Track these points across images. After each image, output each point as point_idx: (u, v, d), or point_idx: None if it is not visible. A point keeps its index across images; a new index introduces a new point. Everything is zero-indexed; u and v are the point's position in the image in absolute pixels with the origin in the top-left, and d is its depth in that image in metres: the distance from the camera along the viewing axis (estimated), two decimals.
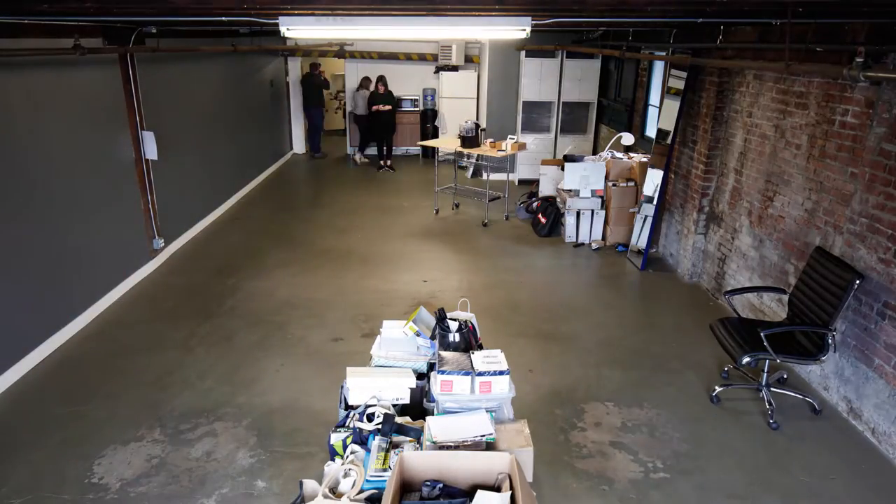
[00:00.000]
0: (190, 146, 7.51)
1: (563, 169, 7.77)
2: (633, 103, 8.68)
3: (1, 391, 4.28)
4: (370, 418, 2.85)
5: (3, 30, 4.27)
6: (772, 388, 4.24)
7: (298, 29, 3.68)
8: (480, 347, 3.22)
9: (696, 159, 6.17)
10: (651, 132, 8.10)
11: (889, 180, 3.74)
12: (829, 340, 3.86)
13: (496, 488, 2.32)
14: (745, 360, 3.87)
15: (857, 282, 3.73)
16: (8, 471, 3.52)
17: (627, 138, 7.63)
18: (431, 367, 3.15)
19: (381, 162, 11.60)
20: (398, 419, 2.85)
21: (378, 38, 11.99)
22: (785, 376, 4.55)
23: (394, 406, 2.99)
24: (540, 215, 7.91)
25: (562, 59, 9.68)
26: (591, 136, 10.23)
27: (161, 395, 4.27)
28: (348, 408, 3.03)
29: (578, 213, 7.45)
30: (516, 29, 3.67)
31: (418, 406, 3.02)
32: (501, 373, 2.83)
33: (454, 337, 3.13)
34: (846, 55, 3.94)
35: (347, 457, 2.70)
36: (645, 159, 7.33)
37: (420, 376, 3.13)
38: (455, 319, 3.26)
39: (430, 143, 9.66)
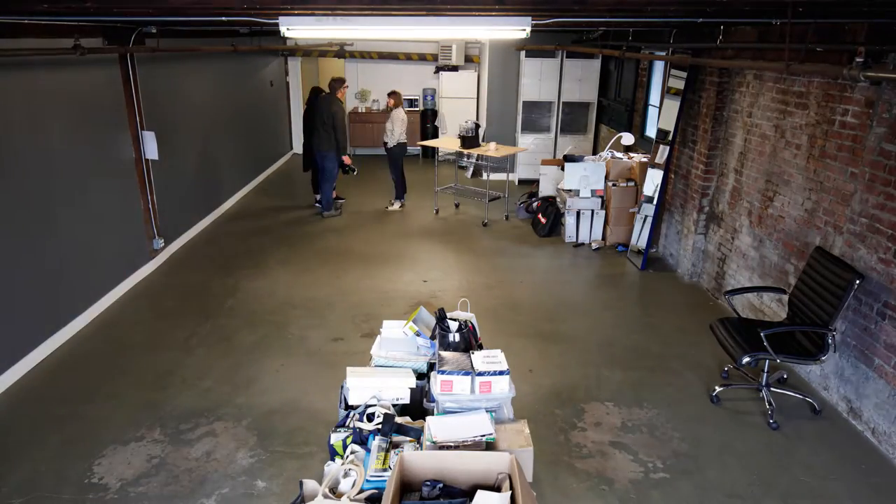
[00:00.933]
0: (190, 146, 7.51)
1: (563, 169, 7.77)
2: (633, 103, 8.67)
3: (1, 391, 4.28)
4: (370, 418, 2.85)
5: (3, 30, 4.27)
6: (772, 388, 4.24)
7: (298, 29, 3.68)
8: (480, 347, 3.22)
9: (696, 159, 6.17)
10: (651, 132, 8.10)
11: (889, 180, 3.74)
12: (830, 340, 3.86)
13: (496, 488, 2.32)
14: (745, 360, 3.87)
15: (858, 282, 3.73)
16: (8, 471, 3.52)
17: (627, 138, 7.63)
18: (431, 367, 3.15)
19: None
20: (398, 419, 2.85)
21: (378, 38, 11.98)
22: (785, 376, 4.55)
23: (394, 406, 2.99)
24: (540, 215, 7.91)
25: (562, 59, 9.68)
26: (591, 136, 10.23)
27: (161, 395, 4.27)
28: (348, 408, 3.03)
29: (578, 213, 7.45)
30: (516, 29, 3.67)
31: (418, 406, 3.02)
32: (501, 373, 2.84)
33: (454, 337, 3.13)
34: (846, 55, 3.94)
35: (347, 457, 2.70)
36: (645, 159, 7.33)
37: (420, 376, 3.13)
38: (455, 319, 3.26)
39: (430, 143, 9.66)
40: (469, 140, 8.40)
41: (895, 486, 3.50)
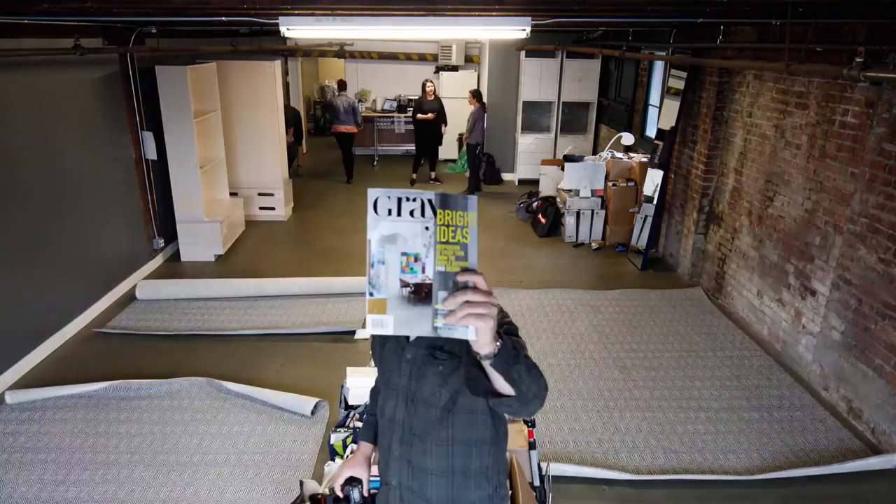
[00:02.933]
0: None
1: (563, 169, 7.76)
2: (633, 103, 8.67)
3: (1, 391, 4.28)
4: None
5: (3, 30, 4.27)
6: None
7: (298, 29, 3.69)
8: None
9: (696, 159, 6.17)
10: (651, 132, 8.10)
11: (889, 180, 3.74)
12: None
13: None
14: None
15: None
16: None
17: (627, 138, 7.62)
18: None
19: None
20: None
21: (378, 38, 11.97)
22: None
23: None
24: (540, 215, 7.91)
25: (562, 59, 9.68)
26: (591, 136, 10.23)
27: None
28: (348, 408, 3.03)
29: (578, 213, 7.45)
30: (516, 29, 3.68)
31: None
32: None
33: None
34: (846, 55, 3.94)
35: (347, 457, 2.70)
36: (645, 159, 7.33)
37: None
38: None
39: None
40: None
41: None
